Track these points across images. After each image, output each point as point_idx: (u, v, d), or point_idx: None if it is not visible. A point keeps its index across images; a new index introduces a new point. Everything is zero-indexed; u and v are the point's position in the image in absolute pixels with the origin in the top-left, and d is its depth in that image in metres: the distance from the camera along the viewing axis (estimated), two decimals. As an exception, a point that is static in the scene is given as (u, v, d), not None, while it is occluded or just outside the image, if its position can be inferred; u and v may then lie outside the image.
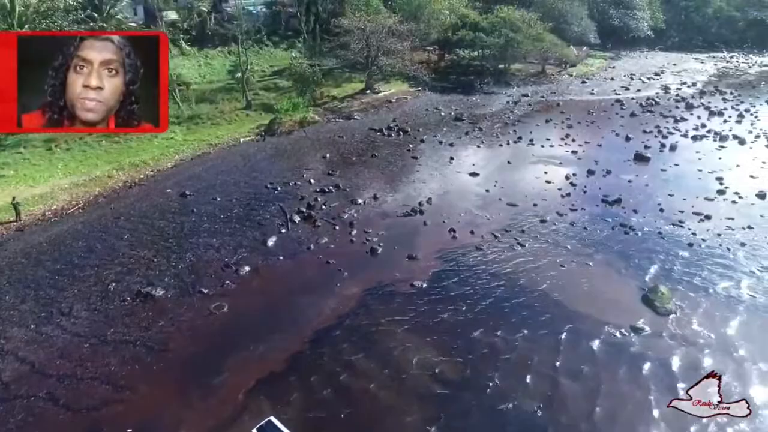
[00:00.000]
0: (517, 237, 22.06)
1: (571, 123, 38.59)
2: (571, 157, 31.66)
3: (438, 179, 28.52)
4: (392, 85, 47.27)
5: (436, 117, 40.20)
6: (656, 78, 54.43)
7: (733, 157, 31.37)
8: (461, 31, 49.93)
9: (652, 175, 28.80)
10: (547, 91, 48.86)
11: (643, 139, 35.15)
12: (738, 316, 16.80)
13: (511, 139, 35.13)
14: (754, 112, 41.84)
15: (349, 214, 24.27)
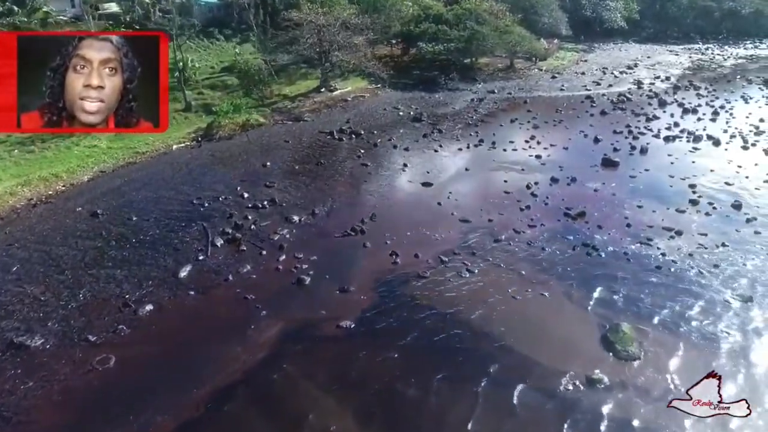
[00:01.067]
0: (466, 260, 19.60)
1: (537, 123, 36.31)
2: (535, 163, 29.33)
3: (387, 191, 25.95)
4: (350, 83, 44.53)
5: (394, 117, 37.58)
6: (629, 72, 52.55)
7: (707, 161, 29.37)
8: (423, 23, 47.02)
9: (620, 182, 26.57)
10: (514, 87, 46.57)
11: (612, 140, 33.00)
12: (711, 361, 14.49)
13: (472, 142, 32.69)
14: (729, 108, 40.06)
15: (281, 234, 21.58)
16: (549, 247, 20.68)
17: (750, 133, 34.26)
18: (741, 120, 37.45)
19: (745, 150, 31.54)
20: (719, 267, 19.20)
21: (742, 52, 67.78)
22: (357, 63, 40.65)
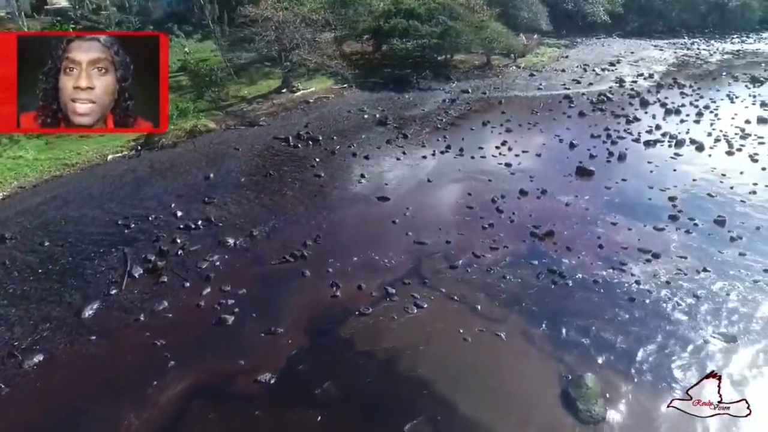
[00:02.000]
0: (415, 292, 17.35)
1: (511, 126, 34.13)
2: (504, 172, 27.11)
3: (338, 207, 23.63)
4: (315, 83, 42.09)
5: (358, 121, 35.18)
6: (611, 69, 50.55)
7: (689, 169, 27.37)
8: (393, 19, 44.55)
9: (594, 194, 24.41)
10: (490, 86, 44.34)
11: (589, 145, 30.89)
12: (690, 424, 12.28)
13: (439, 148, 30.42)
14: (714, 109, 38.15)
15: (210, 262, 19.18)
16: (510, 274, 18.45)
17: (735, 136, 32.31)
18: (726, 121, 35.54)
19: (729, 156, 29.56)
20: (699, 298, 17.10)
21: (729, 47, 66.13)
22: (320, 62, 37.97)
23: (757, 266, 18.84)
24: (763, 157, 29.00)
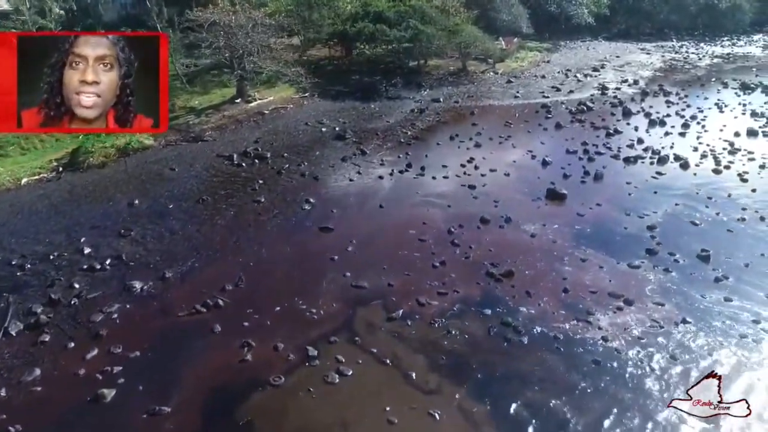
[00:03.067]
0: (342, 354, 14.73)
1: (480, 140, 31.49)
2: (466, 195, 24.50)
3: (273, 240, 20.93)
4: (275, 91, 39.31)
5: (314, 134, 32.46)
6: (594, 75, 48.16)
7: (672, 191, 24.84)
8: (360, 22, 41.82)
9: (565, 222, 21.81)
10: (463, 94, 41.77)
11: (564, 162, 28.30)
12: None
13: (399, 166, 27.75)
14: (701, 119, 35.71)
15: (106, 313, 16.47)
16: (457, 328, 15.80)
17: (723, 151, 29.85)
18: (714, 134, 33.11)
19: (717, 174, 27.07)
20: (676, 360, 14.48)
21: (719, 50, 63.99)
22: (276, 70, 35.14)
23: (745, 315, 16.26)
24: (752, 176, 26.51)
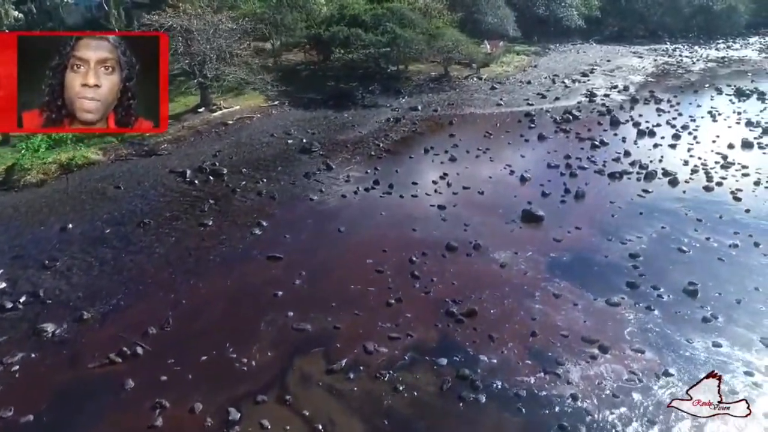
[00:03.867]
0: (267, 417, 12.99)
1: (456, 153, 29.54)
2: (434, 217, 22.53)
3: (212, 271, 19.08)
4: (243, 99, 37.33)
5: (279, 147, 30.45)
6: (583, 80, 46.33)
7: (659, 212, 22.98)
8: (334, 26, 39.82)
9: (539, 249, 19.88)
10: (444, 101, 39.83)
11: (544, 179, 26.37)
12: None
13: (365, 183, 25.78)
14: (693, 128, 33.87)
15: (6, 364, 14.80)
16: (405, 383, 13.89)
17: (716, 165, 27.96)
18: (706, 145, 31.29)
19: (708, 192, 25.20)
20: (655, 424, 12.34)
21: (713, 53, 62.34)
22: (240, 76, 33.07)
23: (735, 365, 14.38)
24: (746, 194, 24.63)
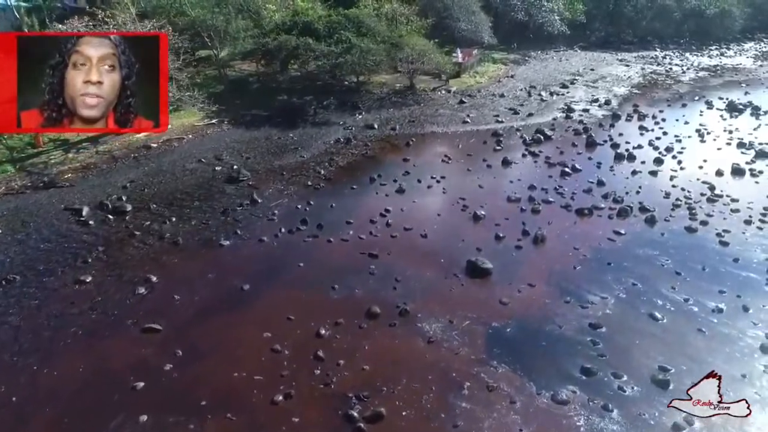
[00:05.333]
0: None
1: (406, 183, 26.13)
2: (363, 268, 19.21)
3: (67, 351, 15.64)
4: (177, 117, 33.84)
5: (203, 176, 26.75)
6: (562, 92, 42.83)
7: (631, 261, 19.64)
8: (282, 35, 36.13)
9: (479, 317, 16.51)
10: (405, 118, 36.22)
11: (501, 216, 22.87)
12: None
13: (291, 223, 22.48)
14: (678, 151, 30.46)
15: None
16: None
17: (701, 198, 24.49)
18: (692, 171, 27.89)
19: (691, 233, 21.75)
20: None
21: (705, 61, 59.08)
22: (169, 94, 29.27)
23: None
24: (735, 237, 21.17)
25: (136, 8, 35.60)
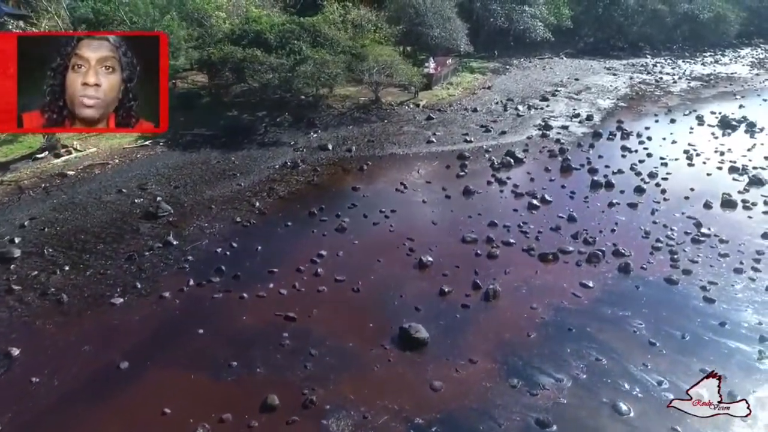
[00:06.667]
0: None
1: (350, 219, 23.15)
2: (275, 338, 16.30)
3: None
4: (107, 139, 30.10)
5: (119, 211, 23.55)
6: (541, 105, 39.85)
7: (596, 327, 16.32)
8: (226, 46, 32.83)
9: (399, 413, 13.77)
10: (364, 137, 33.07)
11: (451, 262, 20.00)
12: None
13: (204, 273, 19.35)
14: (663, 177, 27.49)
15: None
16: None
17: (686, 238, 21.56)
18: (677, 203, 24.89)
19: (671, 286, 18.69)
20: None
21: (698, 69, 56.13)
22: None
23: None
24: (723, 292, 18.09)
25: (69, 17, 32.14)
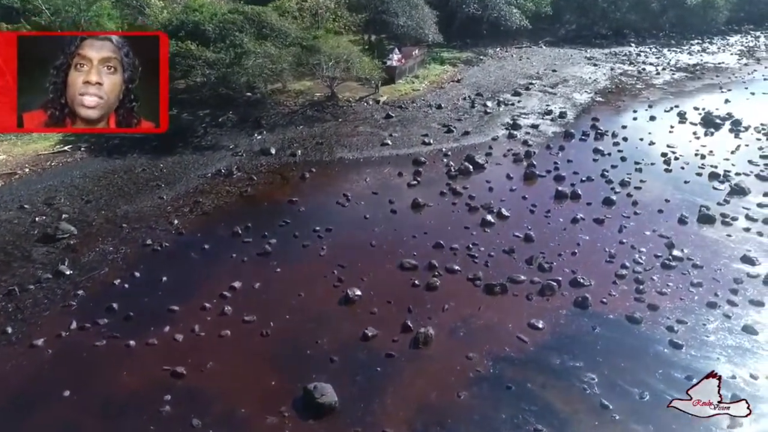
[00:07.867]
0: None
1: (276, 241, 20.73)
2: (150, 404, 14.06)
3: None
4: (24, 143, 27.13)
5: (14, 232, 21.24)
6: (512, 100, 37.23)
7: (542, 379, 14.17)
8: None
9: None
10: (313, 138, 30.41)
11: (382, 296, 17.58)
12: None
13: (90, 314, 16.85)
14: (636, 186, 25.26)
15: None
16: None
17: (656, 263, 19.06)
18: (648, 218, 22.53)
19: (633, 325, 16.70)
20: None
21: (684, 59, 53.48)
22: None
23: None
24: (692, 334, 15.81)
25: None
